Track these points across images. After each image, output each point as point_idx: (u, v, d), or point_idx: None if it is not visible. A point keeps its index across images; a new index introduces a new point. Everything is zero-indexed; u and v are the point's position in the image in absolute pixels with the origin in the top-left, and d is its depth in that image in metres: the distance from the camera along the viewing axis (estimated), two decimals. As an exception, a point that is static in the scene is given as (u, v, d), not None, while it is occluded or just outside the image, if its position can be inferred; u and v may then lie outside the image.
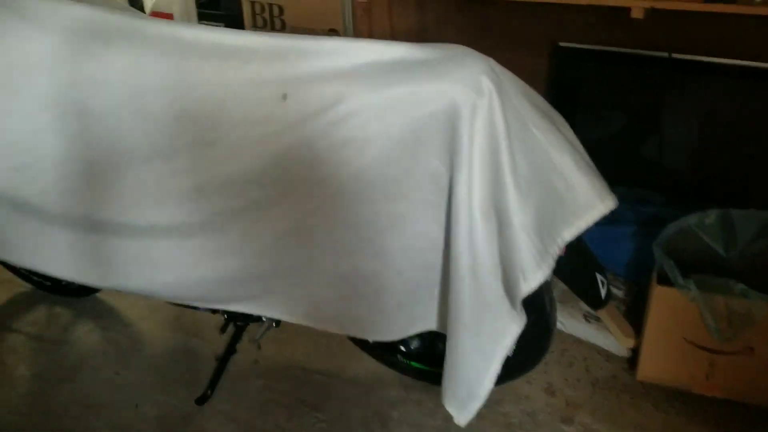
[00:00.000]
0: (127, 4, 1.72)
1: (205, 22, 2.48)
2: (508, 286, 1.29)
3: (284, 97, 1.34)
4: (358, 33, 2.15)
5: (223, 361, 1.83)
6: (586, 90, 2.17)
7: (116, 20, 1.46)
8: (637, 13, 1.82)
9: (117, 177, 1.44)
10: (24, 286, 2.25)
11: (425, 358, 1.76)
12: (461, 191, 1.25)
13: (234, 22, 2.41)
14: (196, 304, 1.52)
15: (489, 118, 1.23)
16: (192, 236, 1.41)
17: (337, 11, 2.14)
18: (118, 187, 1.43)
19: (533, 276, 1.25)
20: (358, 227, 1.35)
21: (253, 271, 1.42)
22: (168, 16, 2.26)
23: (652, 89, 2.07)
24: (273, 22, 2.27)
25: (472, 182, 1.24)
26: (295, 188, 1.35)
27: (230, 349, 1.83)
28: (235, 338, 1.84)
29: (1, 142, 1.45)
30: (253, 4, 2.27)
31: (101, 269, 1.45)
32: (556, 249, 1.29)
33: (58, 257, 1.45)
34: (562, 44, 2.14)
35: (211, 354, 1.93)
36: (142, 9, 2.54)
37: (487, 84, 1.23)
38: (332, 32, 2.20)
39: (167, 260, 1.43)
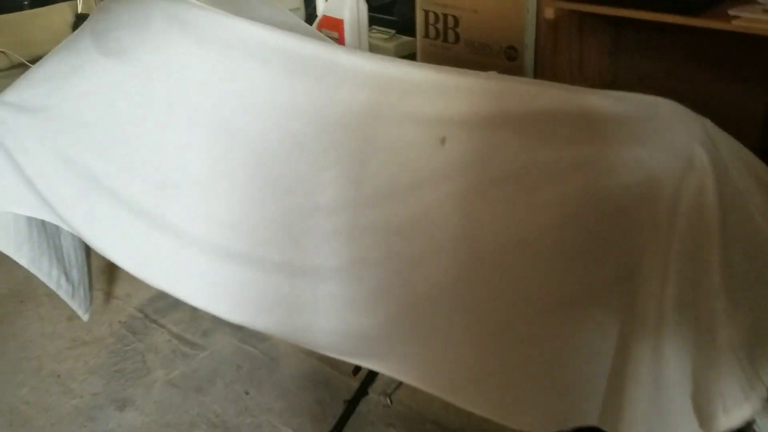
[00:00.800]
0: (295, 17, 1.62)
1: (377, 28, 2.36)
2: (700, 406, 1.03)
3: (443, 141, 1.16)
4: (540, 53, 1.92)
5: (353, 403, 1.70)
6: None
7: (275, 39, 1.36)
8: None
9: (256, 205, 1.34)
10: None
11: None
12: (652, 283, 1.01)
13: (406, 29, 2.27)
14: (321, 351, 1.39)
15: (698, 201, 0.97)
16: (325, 282, 1.28)
17: (518, 26, 1.92)
18: (257, 217, 1.33)
19: (737, 409, 0.98)
20: (516, 303, 1.14)
21: (387, 329, 1.26)
22: (338, 22, 2.16)
23: None
24: (446, 34, 2.09)
25: (666, 276, 0.99)
26: (444, 247, 1.17)
27: (361, 392, 1.70)
28: (367, 382, 1.71)
29: (152, 155, 1.40)
30: (427, 12, 2.10)
31: (230, 301, 1.36)
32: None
33: (189, 282, 1.38)
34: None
35: (343, 385, 1.82)
36: (314, 12, 2.48)
37: (700, 155, 0.97)
38: (510, 50, 1.98)
39: (297, 303, 1.31)
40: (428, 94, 1.21)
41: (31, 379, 1.90)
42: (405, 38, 2.27)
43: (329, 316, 1.29)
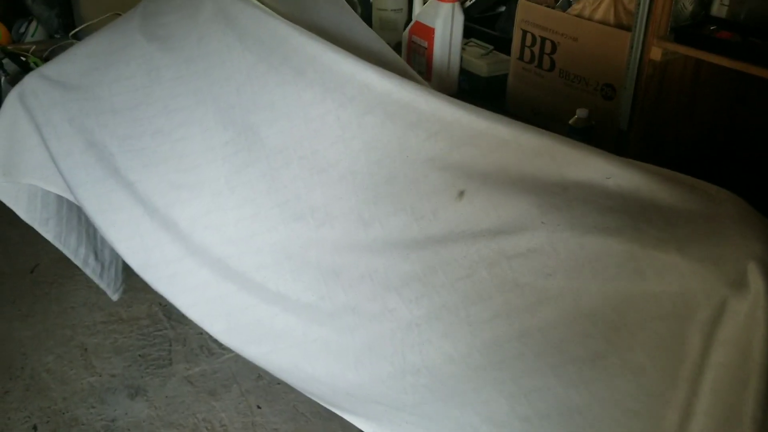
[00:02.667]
0: (356, 18, 1.50)
1: (475, 41, 2.18)
2: None
3: (460, 195, 1.00)
4: (641, 95, 1.68)
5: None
6: None
7: (313, 48, 1.24)
8: None
9: (264, 225, 1.23)
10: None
11: None
12: (671, 415, 0.81)
13: (504, 47, 2.07)
14: (306, 394, 1.27)
15: (744, 335, 0.76)
16: (318, 325, 1.16)
17: (618, 63, 1.69)
18: (263, 238, 1.23)
19: None
20: (514, 401, 0.97)
21: (370, 391, 1.12)
22: (429, 30, 2.00)
23: None
24: (541, 59, 1.88)
25: (691, 413, 0.80)
26: (442, 318, 1.01)
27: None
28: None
29: (174, 152, 1.33)
30: (525, 33, 1.91)
31: (225, 322, 1.27)
32: None
33: (188, 293, 1.30)
34: None
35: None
36: (411, 12, 2.33)
37: (755, 277, 0.77)
38: (608, 88, 1.75)
39: (286, 341, 1.19)
40: (455, 138, 1.05)
41: (59, 348, 1.91)
42: (502, 56, 2.07)
43: (316, 362, 1.17)
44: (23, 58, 2.71)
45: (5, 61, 2.78)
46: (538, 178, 0.96)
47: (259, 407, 1.76)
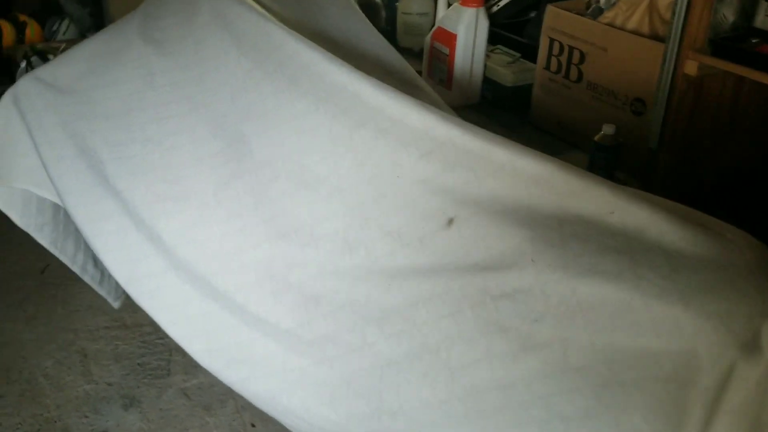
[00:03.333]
0: (363, 21, 1.42)
1: (502, 49, 2.07)
2: None
3: (449, 223, 0.91)
4: (673, 114, 1.55)
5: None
6: None
7: (308, 56, 1.17)
8: None
9: (249, 242, 1.16)
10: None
11: None
12: None
13: (532, 56, 1.96)
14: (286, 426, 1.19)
15: (753, 403, 0.67)
16: (297, 354, 1.08)
17: (651, 77, 1.57)
18: (246, 256, 1.16)
19: None
20: None
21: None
22: (452, 36, 1.91)
23: None
24: (569, 70, 1.77)
25: None
26: (422, 356, 0.92)
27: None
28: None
29: (163, 162, 1.27)
30: (552, 41, 1.80)
31: (205, 342, 1.20)
32: None
33: (169, 310, 1.23)
34: None
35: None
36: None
37: None
38: (638, 102, 1.63)
39: (265, 368, 1.12)
40: (446, 158, 0.96)
41: (59, 353, 1.87)
42: (529, 65, 1.96)
43: (293, 394, 1.08)
44: (50, 57, 2.71)
45: (34, 59, 2.78)
46: (534, 209, 0.86)
47: (253, 425, 1.69)
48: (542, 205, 0.86)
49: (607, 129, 1.61)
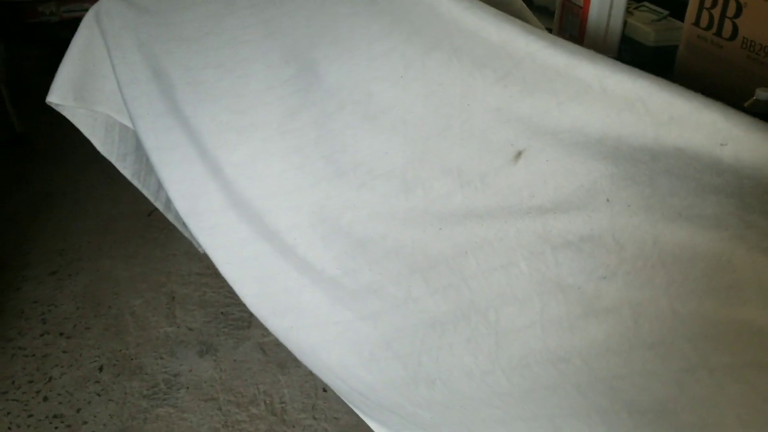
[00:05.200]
0: None
1: (648, 6, 1.80)
2: None
3: (516, 156, 0.74)
4: None
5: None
6: None
7: None
8: None
9: (308, 180, 1.06)
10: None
11: None
12: None
13: (677, 12, 1.68)
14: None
15: None
16: (342, 306, 0.95)
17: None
18: (303, 195, 1.05)
19: None
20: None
21: (385, 399, 0.89)
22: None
23: None
24: (721, 24, 1.48)
25: None
26: (469, 316, 0.75)
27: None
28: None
29: (232, 90, 1.21)
30: (704, -9, 1.51)
31: (256, 287, 1.10)
32: None
33: (226, 248, 1.14)
34: None
35: None
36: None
37: None
38: (806, 61, 1.33)
39: (310, 318, 1.00)
40: (526, 81, 0.78)
41: (149, 293, 1.87)
42: (677, 23, 1.68)
43: (332, 350, 0.96)
44: None
45: None
46: (623, 140, 0.66)
47: (324, 390, 1.59)
48: (634, 135, 0.66)
49: (761, 94, 1.32)
